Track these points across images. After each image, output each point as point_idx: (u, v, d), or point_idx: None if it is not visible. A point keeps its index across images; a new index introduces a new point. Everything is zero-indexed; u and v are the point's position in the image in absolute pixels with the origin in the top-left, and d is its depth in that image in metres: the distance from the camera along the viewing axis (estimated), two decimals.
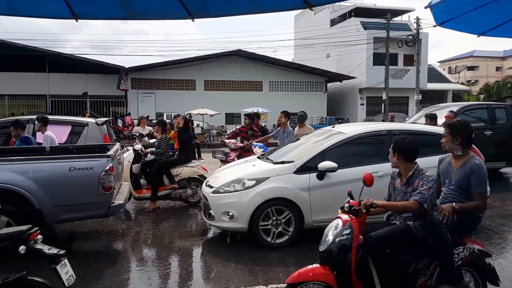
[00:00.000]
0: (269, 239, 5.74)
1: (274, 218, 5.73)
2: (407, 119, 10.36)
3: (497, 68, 68.99)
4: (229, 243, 6.27)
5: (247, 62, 33.36)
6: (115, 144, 7.47)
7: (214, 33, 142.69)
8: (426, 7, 2.79)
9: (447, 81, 42.05)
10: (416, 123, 10.71)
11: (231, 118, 32.61)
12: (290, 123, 9.32)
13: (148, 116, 18.34)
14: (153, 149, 8.51)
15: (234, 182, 5.91)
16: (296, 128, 8.93)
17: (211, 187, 6.14)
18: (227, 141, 9.46)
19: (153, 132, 11.88)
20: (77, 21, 3.37)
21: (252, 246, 5.76)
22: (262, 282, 4.71)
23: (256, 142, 8.71)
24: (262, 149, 8.17)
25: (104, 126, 9.26)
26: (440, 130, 6.98)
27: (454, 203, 3.59)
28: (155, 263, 5.48)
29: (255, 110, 27.35)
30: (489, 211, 7.50)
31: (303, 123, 8.88)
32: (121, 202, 6.03)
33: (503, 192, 9.43)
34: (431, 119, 9.13)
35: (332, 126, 7.51)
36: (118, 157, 6.59)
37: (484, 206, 3.72)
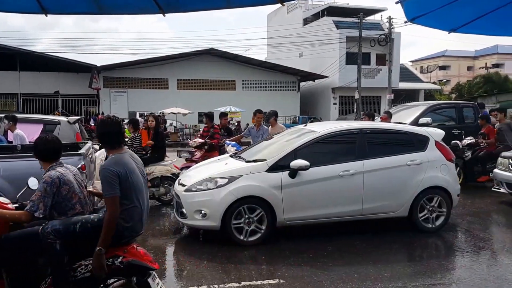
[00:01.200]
0: (242, 237, 5.74)
1: (246, 216, 5.74)
2: (376, 118, 10.60)
3: (469, 68, 70.52)
4: (202, 241, 6.25)
5: (220, 61, 33.23)
6: (87, 142, 7.36)
7: (187, 32, 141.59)
8: (397, 3, 2.77)
9: (419, 80, 42.76)
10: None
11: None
12: (263, 122, 9.36)
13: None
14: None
15: (206, 180, 5.88)
16: (269, 127, 8.95)
17: (184, 185, 6.11)
18: (191, 142, 9.50)
19: None
20: (46, 15, 3.27)
21: (225, 244, 5.74)
22: (235, 280, 4.72)
23: (229, 140, 8.70)
24: (235, 148, 8.15)
25: (76, 124, 9.10)
26: (412, 128, 7.11)
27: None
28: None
29: (228, 109, 27.30)
30: (459, 209, 7.69)
31: (274, 121, 8.85)
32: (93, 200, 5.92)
33: (473, 191, 9.59)
34: (369, 116, 9.57)
35: (304, 124, 7.55)
36: (90, 156, 6.50)
37: (112, 211, 3.17)
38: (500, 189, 8.45)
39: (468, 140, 10.12)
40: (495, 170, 8.65)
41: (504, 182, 8.26)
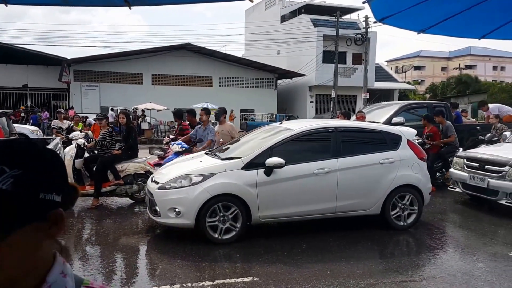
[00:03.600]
0: (216, 235, 5.69)
1: (221, 214, 5.69)
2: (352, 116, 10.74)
3: (443, 68, 71.94)
4: (175, 239, 6.13)
5: (196, 57, 32.83)
6: (55, 138, 7.15)
7: (162, 26, 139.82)
8: (364, 2, 2.71)
9: (394, 80, 43.19)
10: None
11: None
12: (240, 120, 9.26)
13: (64, 111, 18.03)
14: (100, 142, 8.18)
15: (180, 178, 5.81)
16: (217, 125, 8.74)
17: (157, 183, 6.01)
18: (165, 139, 9.43)
19: (72, 126, 11.74)
20: (6, 5, 3.09)
21: (199, 242, 5.68)
22: (209, 278, 4.67)
23: (181, 140, 8.55)
24: (179, 146, 8.05)
25: (4, 118, 8.60)
26: (385, 127, 7.17)
27: None
28: (98, 260, 5.31)
29: (205, 106, 27.04)
30: (431, 207, 7.82)
31: (223, 120, 8.63)
32: None
33: (444, 189, 9.67)
34: (345, 116, 9.80)
35: (280, 122, 7.53)
36: (58, 152, 6.29)
37: None
38: (455, 188, 8.59)
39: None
40: (451, 169, 8.77)
41: (459, 181, 8.38)
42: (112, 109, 26.56)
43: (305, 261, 5.24)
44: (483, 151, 8.43)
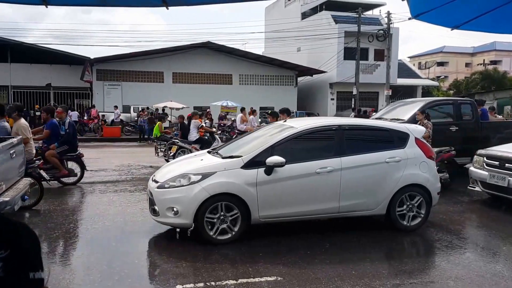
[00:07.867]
0: (211, 233, 5.55)
1: (222, 213, 5.58)
2: (373, 114, 10.51)
3: (467, 64, 70.39)
4: (197, 239, 5.94)
5: (216, 55, 32.89)
6: (14, 137, 6.75)
7: (182, 25, 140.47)
8: (403, 0, 2.75)
9: (417, 76, 42.50)
10: (382, 118, 10.74)
11: (199, 111, 32.17)
12: (260, 118, 9.16)
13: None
14: None
15: (179, 177, 5.72)
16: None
17: (157, 182, 5.92)
18: None
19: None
20: (47, 7, 3.13)
21: (206, 243, 5.57)
22: (232, 277, 4.64)
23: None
24: None
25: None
26: (392, 125, 6.98)
27: None
28: (121, 260, 5.22)
29: (224, 104, 27.15)
30: (457, 206, 7.67)
31: (13, 116, 8.14)
32: (7, 199, 5.50)
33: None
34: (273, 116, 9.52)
35: (284, 120, 7.36)
36: (12, 151, 6.05)
37: None
38: (475, 188, 8.29)
39: None
40: (471, 168, 8.45)
41: (478, 180, 8.08)
42: (116, 107, 27.23)
43: (329, 260, 5.15)
44: (504, 149, 8.10)
